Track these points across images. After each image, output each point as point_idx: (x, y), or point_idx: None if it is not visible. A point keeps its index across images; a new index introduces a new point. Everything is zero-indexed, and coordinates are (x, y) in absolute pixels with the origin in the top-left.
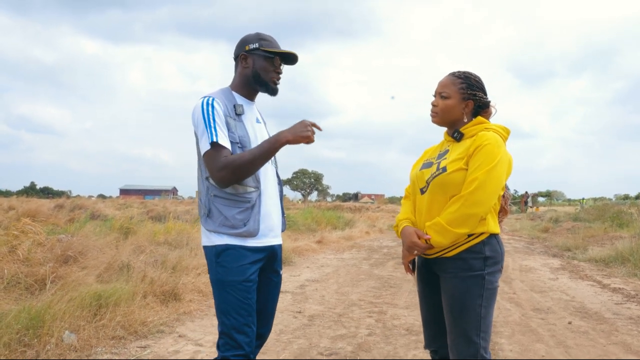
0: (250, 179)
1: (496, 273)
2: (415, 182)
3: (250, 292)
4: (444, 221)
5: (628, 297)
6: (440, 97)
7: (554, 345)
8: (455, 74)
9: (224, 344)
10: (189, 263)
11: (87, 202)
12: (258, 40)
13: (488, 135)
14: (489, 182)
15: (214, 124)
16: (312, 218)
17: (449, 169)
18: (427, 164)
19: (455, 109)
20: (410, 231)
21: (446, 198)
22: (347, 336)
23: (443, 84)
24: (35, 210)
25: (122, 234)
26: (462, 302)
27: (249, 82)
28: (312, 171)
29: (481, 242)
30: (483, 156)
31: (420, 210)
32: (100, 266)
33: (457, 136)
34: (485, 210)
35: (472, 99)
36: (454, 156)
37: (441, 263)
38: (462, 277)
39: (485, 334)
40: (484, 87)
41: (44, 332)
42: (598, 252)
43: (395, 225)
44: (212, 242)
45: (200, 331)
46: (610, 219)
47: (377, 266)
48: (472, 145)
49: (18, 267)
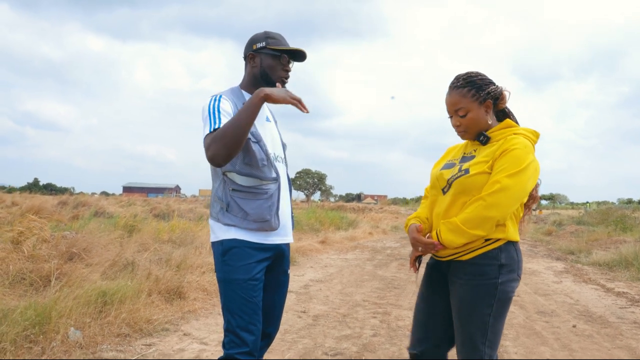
0: (269, 170)
1: (512, 282)
2: (435, 181)
3: (256, 290)
4: (458, 220)
5: (632, 301)
6: (459, 116)
7: (559, 348)
8: (459, 85)
9: (229, 342)
10: (194, 261)
11: (90, 199)
12: (265, 39)
13: (517, 140)
14: (512, 186)
15: (218, 114)
16: (316, 218)
17: (472, 172)
18: (449, 164)
19: (480, 118)
20: (412, 228)
21: (466, 199)
22: (352, 336)
23: (453, 102)
24: (39, 206)
25: (126, 231)
26: (471, 308)
27: (258, 81)
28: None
29: (498, 248)
30: (509, 160)
31: (439, 210)
32: (105, 263)
33: (483, 140)
34: (503, 215)
35: (488, 97)
36: (478, 159)
37: (454, 266)
38: (474, 284)
39: (491, 342)
40: (488, 77)
41: (50, 328)
42: (602, 255)
43: (406, 224)
44: (219, 237)
45: (205, 330)
46: (614, 223)
47: (381, 267)
48: (499, 149)
49: (23, 264)
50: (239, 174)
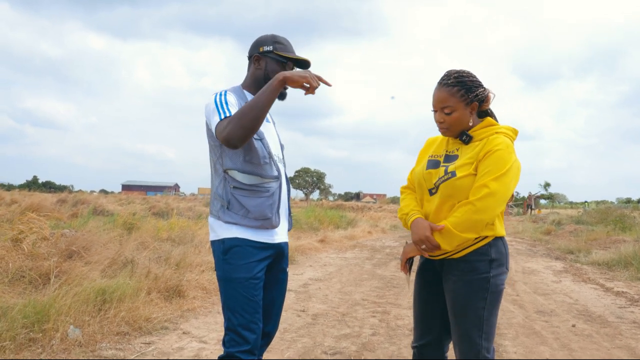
0: (270, 168)
1: (501, 275)
2: (422, 181)
3: (257, 289)
4: (450, 224)
5: (631, 300)
6: (444, 113)
7: (558, 348)
8: (449, 83)
9: (229, 340)
10: (193, 260)
11: (89, 197)
12: (273, 43)
13: (499, 140)
14: (499, 189)
15: (227, 105)
16: (315, 217)
17: (459, 174)
18: (434, 162)
19: (464, 117)
20: (425, 224)
21: (455, 202)
22: (351, 335)
23: (441, 99)
24: (38, 204)
25: (125, 229)
26: (465, 304)
27: (260, 83)
28: (315, 170)
29: (487, 244)
30: (493, 162)
31: (427, 211)
32: (104, 261)
33: (465, 139)
34: (492, 217)
35: (475, 99)
36: (462, 160)
37: (447, 264)
38: (467, 279)
39: (487, 335)
40: (478, 79)
41: (50, 326)
42: (601, 255)
43: (404, 214)
44: (220, 236)
45: (204, 328)
46: (613, 223)
47: (380, 266)
48: (482, 150)
49: (22, 261)
50: (240, 172)
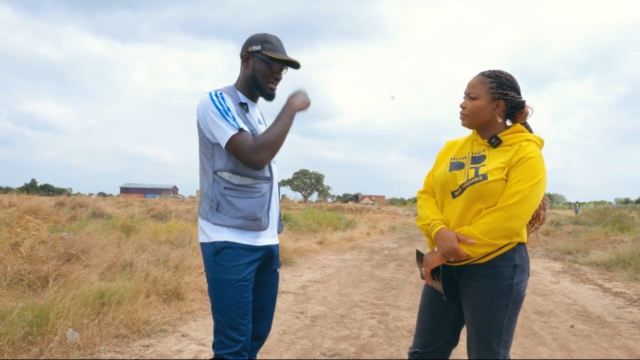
0: (263, 169)
1: (524, 282)
2: (445, 183)
3: (247, 291)
4: (477, 231)
5: (630, 301)
6: (469, 98)
7: (557, 349)
8: (485, 73)
9: (218, 342)
10: (191, 262)
11: (88, 200)
12: (262, 43)
13: (532, 148)
14: (532, 197)
15: (231, 113)
16: (313, 219)
17: (490, 178)
18: (458, 164)
19: (484, 110)
20: (452, 236)
21: (481, 206)
22: (350, 337)
23: (472, 84)
24: (37, 207)
25: (124, 232)
26: (487, 310)
27: (249, 83)
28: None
29: (512, 250)
30: (527, 169)
31: (449, 214)
32: (103, 264)
33: (494, 142)
34: (523, 224)
35: (503, 98)
36: (495, 164)
37: (468, 270)
38: (490, 286)
39: (506, 342)
40: (516, 86)
41: (48, 330)
42: (599, 255)
43: (426, 224)
44: (211, 238)
45: (203, 331)
46: (611, 223)
47: (379, 267)
48: (515, 156)
49: (21, 264)
50: (232, 173)
